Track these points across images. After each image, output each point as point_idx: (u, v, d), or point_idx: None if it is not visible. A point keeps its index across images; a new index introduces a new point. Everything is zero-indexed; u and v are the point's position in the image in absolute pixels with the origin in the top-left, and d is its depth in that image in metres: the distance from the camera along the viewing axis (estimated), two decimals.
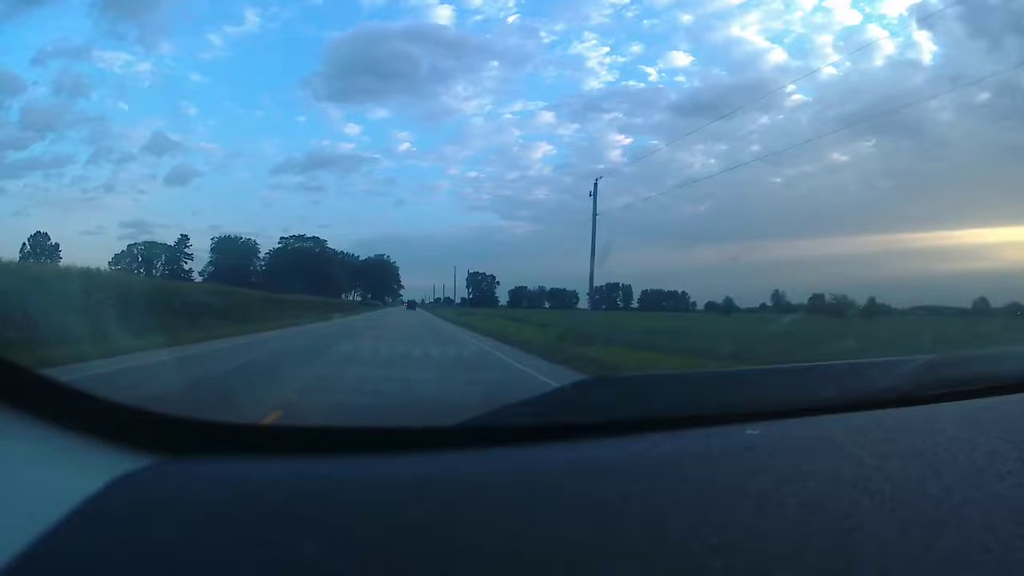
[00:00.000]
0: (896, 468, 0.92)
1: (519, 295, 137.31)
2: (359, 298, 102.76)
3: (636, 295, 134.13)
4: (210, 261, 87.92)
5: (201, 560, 0.68)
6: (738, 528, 0.76)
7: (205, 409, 1.02)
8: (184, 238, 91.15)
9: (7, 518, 0.71)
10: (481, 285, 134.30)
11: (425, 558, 0.69)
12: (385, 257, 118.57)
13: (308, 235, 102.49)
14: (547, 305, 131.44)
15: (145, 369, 9.85)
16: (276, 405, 5.71)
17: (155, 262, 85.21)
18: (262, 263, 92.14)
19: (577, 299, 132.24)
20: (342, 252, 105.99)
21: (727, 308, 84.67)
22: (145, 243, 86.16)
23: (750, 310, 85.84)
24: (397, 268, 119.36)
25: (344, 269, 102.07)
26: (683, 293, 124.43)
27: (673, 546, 0.73)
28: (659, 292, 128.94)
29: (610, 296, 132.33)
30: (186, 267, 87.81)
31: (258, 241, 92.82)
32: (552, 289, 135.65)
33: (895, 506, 0.80)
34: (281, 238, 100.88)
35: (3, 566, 0.64)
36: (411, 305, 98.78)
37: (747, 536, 0.74)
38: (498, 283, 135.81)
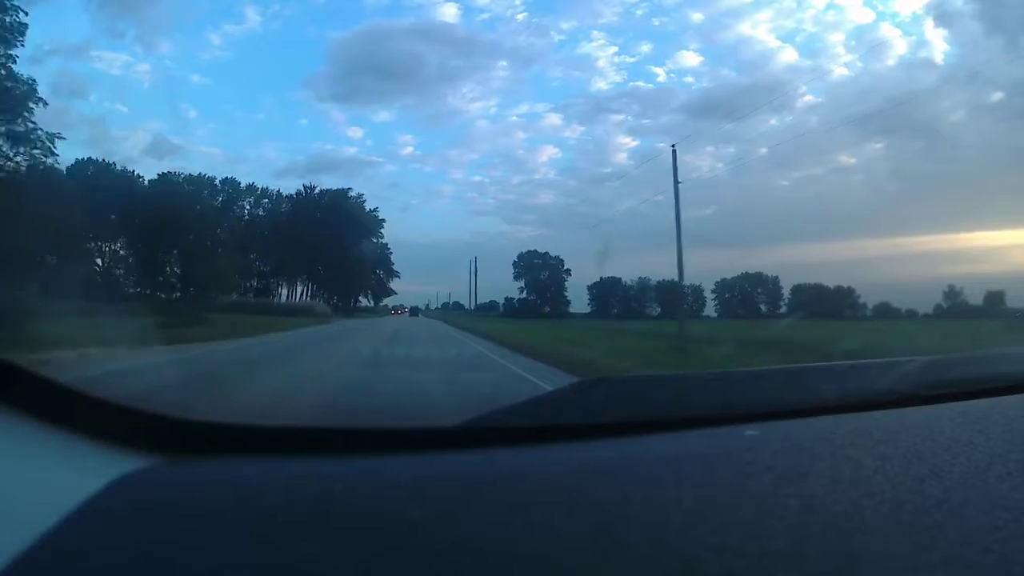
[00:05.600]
0: (896, 469, 0.92)
1: (606, 295, 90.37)
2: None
3: (786, 292, 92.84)
4: None
5: (201, 561, 0.69)
6: (738, 529, 0.76)
7: None
8: None
9: (7, 518, 0.72)
10: (540, 275, 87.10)
11: (425, 559, 0.70)
12: (356, 198, 63.69)
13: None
14: (657, 311, 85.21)
15: None
16: None
17: None
18: None
19: (703, 301, 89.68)
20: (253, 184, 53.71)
21: (896, 313, 64.17)
22: None
23: (926, 315, 65.38)
24: (382, 223, 67.71)
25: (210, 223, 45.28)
26: (849, 289, 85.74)
27: (673, 547, 0.73)
28: (817, 288, 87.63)
29: (746, 296, 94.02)
30: None
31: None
32: (660, 283, 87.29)
33: (895, 507, 0.80)
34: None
35: (3, 566, 0.64)
36: (413, 312, 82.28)
37: (747, 537, 0.74)
38: (568, 272, 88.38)
